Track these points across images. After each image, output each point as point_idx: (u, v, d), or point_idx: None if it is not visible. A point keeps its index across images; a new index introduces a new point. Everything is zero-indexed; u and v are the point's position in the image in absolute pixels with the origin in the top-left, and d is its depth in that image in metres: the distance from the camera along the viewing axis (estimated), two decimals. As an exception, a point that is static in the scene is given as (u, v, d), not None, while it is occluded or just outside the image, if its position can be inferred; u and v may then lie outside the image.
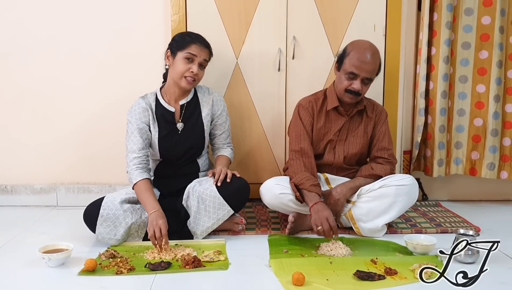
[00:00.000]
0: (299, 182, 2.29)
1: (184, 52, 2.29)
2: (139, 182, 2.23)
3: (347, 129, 2.44)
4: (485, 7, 2.76)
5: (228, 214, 2.26)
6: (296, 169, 2.34)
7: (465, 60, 2.83)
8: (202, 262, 1.96)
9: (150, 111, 2.36)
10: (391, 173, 2.41)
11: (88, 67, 2.88)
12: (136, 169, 2.25)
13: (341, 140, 2.44)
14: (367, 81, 2.31)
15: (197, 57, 2.29)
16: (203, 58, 2.31)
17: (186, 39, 2.32)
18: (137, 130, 2.31)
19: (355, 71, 2.26)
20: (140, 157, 2.29)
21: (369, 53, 2.28)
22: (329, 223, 2.12)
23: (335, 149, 2.44)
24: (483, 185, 3.02)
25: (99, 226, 2.18)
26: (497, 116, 2.80)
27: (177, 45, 2.32)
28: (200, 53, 2.30)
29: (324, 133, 2.43)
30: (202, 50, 2.31)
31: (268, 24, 2.77)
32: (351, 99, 2.34)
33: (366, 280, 1.79)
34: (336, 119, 2.43)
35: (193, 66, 2.29)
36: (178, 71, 2.30)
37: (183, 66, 2.29)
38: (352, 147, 2.44)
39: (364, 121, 2.45)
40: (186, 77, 2.30)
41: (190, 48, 2.29)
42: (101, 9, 2.83)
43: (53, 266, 1.96)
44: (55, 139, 2.93)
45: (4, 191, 2.98)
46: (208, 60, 2.36)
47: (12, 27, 2.85)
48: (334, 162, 2.45)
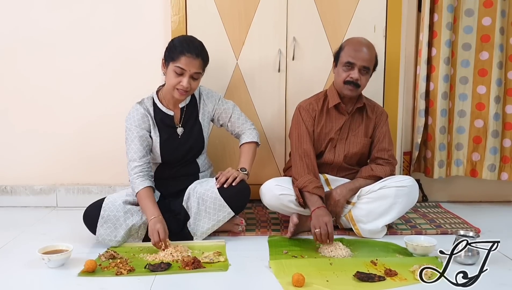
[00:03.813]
0: (302, 185, 2.29)
1: (174, 64, 2.21)
2: (141, 191, 2.22)
3: (348, 128, 2.44)
4: (486, 8, 2.76)
5: (228, 216, 2.26)
6: (300, 171, 2.34)
7: (465, 61, 2.83)
8: (202, 263, 1.96)
9: (149, 116, 2.34)
10: (391, 174, 2.41)
11: (88, 68, 2.88)
12: (138, 178, 2.25)
13: (342, 139, 2.44)
14: (364, 70, 2.32)
15: (187, 71, 2.20)
16: (193, 71, 2.21)
17: (176, 50, 2.22)
18: (137, 137, 2.29)
19: (351, 60, 2.30)
20: (142, 166, 2.27)
21: (364, 44, 2.35)
22: (327, 229, 2.12)
23: (335, 148, 2.44)
24: (483, 187, 3.01)
25: (99, 228, 2.18)
26: (497, 117, 2.79)
27: (168, 55, 2.25)
28: (190, 66, 2.20)
29: (325, 132, 2.43)
30: (192, 62, 2.20)
31: (268, 25, 2.77)
32: (351, 91, 2.34)
33: (366, 281, 1.78)
34: (337, 118, 2.43)
35: (183, 80, 2.21)
36: (170, 83, 2.25)
37: (173, 78, 2.23)
38: (352, 147, 2.44)
39: (364, 121, 2.45)
40: (178, 90, 2.24)
41: (179, 61, 2.20)
42: (101, 10, 2.83)
43: (53, 267, 1.96)
44: (55, 139, 2.93)
45: (4, 192, 2.98)
46: (201, 71, 2.26)
47: (13, 29, 2.85)
48: (334, 161, 2.44)
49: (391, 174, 2.41)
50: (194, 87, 2.28)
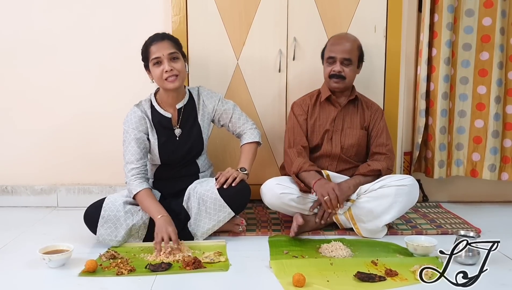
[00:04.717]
0: (297, 167, 2.35)
1: (150, 60, 2.26)
2: (140, 192, 2.23)
3: (342, 119, 2.49)
4: (486, 8, 2.76)
5: (228, 216, 2.26)
6: (292, 157, 2.42)
7: (466, 62, 2.83)
8: (203, 263, 1.96)
9: (147, 119, 2.34)
10: (389, 168, 2.43)
11: (88, 68, 2.88)
12: (135, 180, 2.25)
13: (337, 130, 2.49)
14: (346, 62, 2.40)
15: (162, 55, 2.23)
16: (167, 52, 2.23)
17: (144, 48, 2.29)
18: (134, 140, 2.30)
19: (332, 54, 2.42)
20: (139, 168, 2.28)
21: (343, 37, 2.47)
22: (336, 193, 2.19)
23: (332, 140, 2.48)
24: (483, 187, 3.01)
25: (100, 228, 2.18)
26: (498, 117, 2.79)
27: (143, 59, 2.31)
28: (161, 50, 2.23)
29: (319, 123, 2.50)
30: (161, 46, 2.24)
31: (268, 25, 2.77)
32: (337, 84, 2.42)
33: (367, 281, 1.78)
34: (330, 110, 2.50)
35: (164, 66, 2.23)
36: (157, 78, 2.28)
37: (157, 71, 2.25)
38: (348, 138, 2.48)
39: (359, 113, 2.51)
40: (167, 79, 2.25)
41: (151, 53, 2.25)
42: (101, 10, 2.83)
43: (54, 267, 1.96)
44: (56, 140, 2.93)
45: (5, 192, 2.98)
46: (175, 50, 2.26)
47: (14, 30, 2.85)
48: (332, 152, 2.47)
49: (389, 168, 2.43)
50: (179, 68, 2.26)
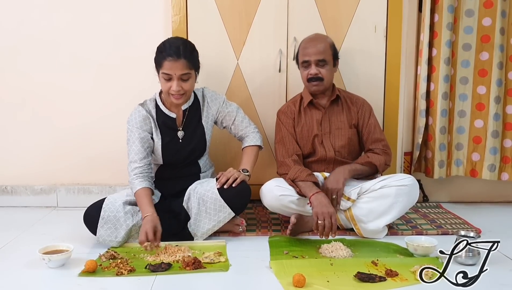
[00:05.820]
0: (294, 176, 2.33)
1: (161, 71, 2.20)
2: (138, 191, 2.23)
3: (328, 121, 2.49)
4: (486, 9, 2.76)
5: (229, 217, 2.26)
6: (289, 165, 2.39)
7: (465, 62, 2.83)
8: (203, 264, 1.96)
9: (151, 118, 2.33)
10: (386, 164, 2.44)
11: (88, 69, 2.88)
12: (137, 178, 2.25)
13: (325, 133, 2.49)
14: (321, 63, 2.40)
15: (173, 75, 2.17)
16: (179, 73, 2.17)
17: (160, 56, 2.20)
18: (138, 139, 2.29)
19: (306, 58, 2.41)
20: (142, 167, 2.27)
21: (312, 39, 2.46)
22: (332, 221, 2.14)
23: (323, 144, 2.48)
24: (483, 187, 3.01)
25: (100, 229, 2.18)
26: (497, 117, 2.79)
27: (155, 62, 2.25)
28: (174, 69, 2.16)
29: (307, 129, 2.49)
30: (175, 65, 2.16)
31: (269, 25, 2.77)
32: (317, 86, 2.42)
33: (367, 281, 1.78)
34: (314, 114, 2.51)
35: (172, 84, 2.19)
36: (163, 89, 2.26)
37: (164, 84, 2.23)
38: (338, 139, 2.48)
39: (345, 112, 2.50)
40: (172, 95, 2.23)
41: (163, 67, 2.18)
42: (101, 10, 2.83)
43: (53, 267, 1.96)
44: (56, 140, 2.93)
45: (4, 192, 2.98)
46: (188, 71, 2.20)
47: (14, 30, 2.85)
48: (327, 156, 2.47)
49: (386, 164, 2.44)
50: (187, 88, 2.23)
